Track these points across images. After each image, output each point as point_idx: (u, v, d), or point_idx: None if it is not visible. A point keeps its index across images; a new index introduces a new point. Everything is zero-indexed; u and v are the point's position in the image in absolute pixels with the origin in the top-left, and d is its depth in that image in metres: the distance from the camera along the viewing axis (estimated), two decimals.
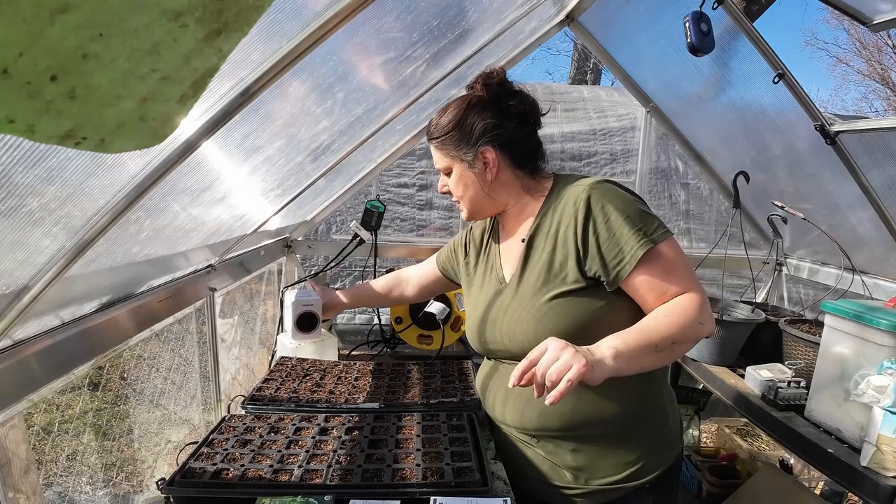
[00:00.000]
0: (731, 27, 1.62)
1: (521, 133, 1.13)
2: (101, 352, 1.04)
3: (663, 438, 1.10)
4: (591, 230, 1.01)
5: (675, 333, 0.95)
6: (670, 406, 1.14)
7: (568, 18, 2.03)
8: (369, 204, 1.96)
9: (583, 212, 1.02)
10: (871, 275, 2.00)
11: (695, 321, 0.96)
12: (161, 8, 0.23)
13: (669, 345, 0.95)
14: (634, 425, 1.06)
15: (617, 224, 0.99)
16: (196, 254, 1.41)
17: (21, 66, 0.21)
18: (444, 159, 1.15)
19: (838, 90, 20.49)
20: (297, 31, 0.74)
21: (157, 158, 0.77)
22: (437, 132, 1.14)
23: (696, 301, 0.98)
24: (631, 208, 1.01)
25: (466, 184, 1.14)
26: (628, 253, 0.98)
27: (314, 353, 1.68)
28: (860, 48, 13.23)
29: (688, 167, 3.12)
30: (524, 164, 1.14)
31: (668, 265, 0.99)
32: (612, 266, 1.00)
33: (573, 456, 1.07)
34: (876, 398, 1.16)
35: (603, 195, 1.02)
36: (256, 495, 0.90)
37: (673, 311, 0.97)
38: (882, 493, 1.12)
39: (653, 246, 0.98)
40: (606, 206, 1.01)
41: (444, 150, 1.14)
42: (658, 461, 1.08)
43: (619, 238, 0.99)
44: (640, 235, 0.98)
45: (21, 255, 0.70)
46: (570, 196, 1.06)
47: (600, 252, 1.01)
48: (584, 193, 1.03)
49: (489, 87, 1.10)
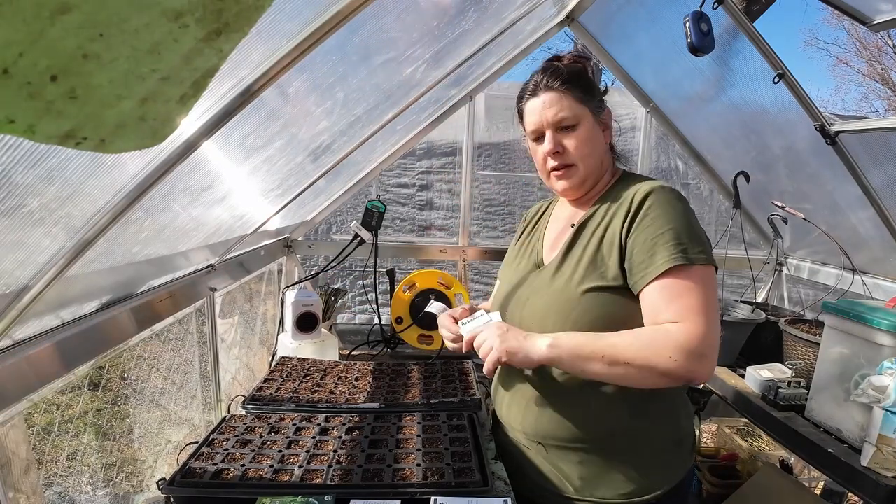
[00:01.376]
0: (731, 27, 1.62)
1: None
2: (101, 352, 1.04)
3: (675, 455, 1.06)
4: (637, 228, 0.97)
5: (629, 356, 0.90)
6: (686, 422, 1.09)
7: (568, 18, 2.03)
8: (370, 204, 1.96)
9: (634, 209, 0.98)
10: (872, 275, 1.99)
11: (662, 353, 0.88)
12: (161, 8, 0.23)
13: (622, 363, 0.90)
14: (645, 441, 1.02)
15: (661, 231, 0.94)
16: (196, 254, 1.40)
17: (21, 67, 0.21)
18: (574, 107, 1.03)
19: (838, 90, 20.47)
20: (297, 31, 0.74)
21: (157, 158, 0.77)
22: (570, 74, 1.03)
23: (682, 335, 0.88)
24: (683, 221, 0.95)
25: (595, 142, 1.05)
26: (657, 262, 0.93)
27: (314, 353, 1.68)
28: (860, 48, 13.23)
29: (688, 167, 3.11)
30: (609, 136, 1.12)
31: (682, 289, 0.92)
32: (637, 270, 0.96)
33: (579, 467, 1.03)
34: (876, 398, 1.16)
35: (661, 199, 0.97)
36: (257, 495, 0.90)
37: (646, 334, 0.92)
38: (882, 493, 1.12)
39: (684, 264, 0.92)
40: (660, 209, 0.96)
41: (576, 97, 1.03)
42: (668, 477, 1.03)
43: (657, 245, 0.94)
44: (678, 250, 0.92)
45: (21, 254, 0.70)
46: (630, 192, 1.02)
47: (632, 253, 0.97)
48: (643, 193, 0.99)
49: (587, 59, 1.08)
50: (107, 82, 0.23)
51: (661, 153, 3.07)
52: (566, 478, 1.04)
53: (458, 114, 2.29)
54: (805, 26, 23.55)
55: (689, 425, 1.10)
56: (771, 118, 1.89)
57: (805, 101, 1.68)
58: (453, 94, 2.17)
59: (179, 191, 0.98)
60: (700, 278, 0.92)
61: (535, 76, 1.08)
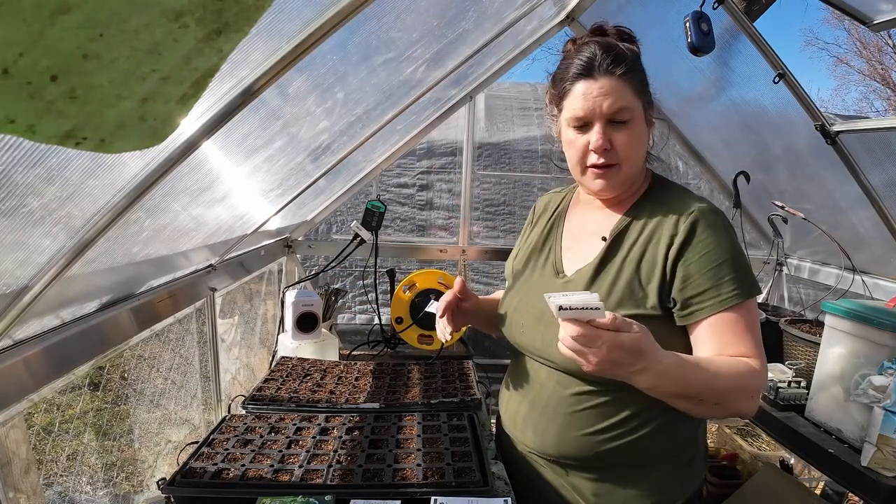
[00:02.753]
0: (731, 27, 1.62)
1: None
2: (101, 352, 1.04)
3: (689, 472, 1.03)
4: (688, 257, 0.89)
5: (725, 395, 0.86)
6: (702, 438, 1.06)
7: (568, 18, 2.03)
8: (370, 204, 1.96)
9: (684, 234, 0.90)
10: (872, 275, 1.99)
11: (746, 392, 0.87)
12: (161, 8, 0.23)
13: (712, 402, 0.86)
14: (661, 461, 0.98)
15: (718, 262, 0.88)
16: (196, 254, 1.41)
17: (21, 67, 0.21)
18: (633, 100, 0.92)
19: (839, 90, 20.49)
20: (297, 31, 0.74)
21: (157, 158, 0.77)
22: (632, 63, 0.93)
23: (759, 374, 0.86)
24: (738, 252, 0.90)
25: (643, 141, 0.97)
26: (717, 296, 0.88)
27: (315, 353, 1.68)
28: (861, 48, 13.23)
29: (688, 167, 3.11)
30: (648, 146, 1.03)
31: (745, 325, 0.88)
32: (694, 302, 0.89)
33: (595, 484, 0.98)
34: (876, 398, 1.16)
35: (713, 226, 0.91)
36: (257, 495, 0.90)
37: (736, 371, 0.85)
38: (882, 493, 1.12)
39: (745, 300, 0.88)
40: (714, 238, 0.89)
41: (635, 89, 0.93)
42: (682, 491, 1.00)
43: (715, 277, 0.88)
44: (737, 284, 0.88)
45: (21, 254, 0.71)
46: (674, 210, 0.93)
47: (687, 284, 0.89)
48: (693, 216, 0.91)
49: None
50: (107, 82, 0.23)
51: (662, 153, 3.07)
52: (580, 494, 0.99)
53: (459, 114, 2.29)
54: (805, 26, 23.59)
55: (703, 439, 1.07)
56: (771, 118, 1.89)
57: (805, 101, 1.68)
58: (453, 94, 2.17)
59: (179, 191, 0.98)
60: (753, 312, 0.90)
61: (588, 50, 0.92)
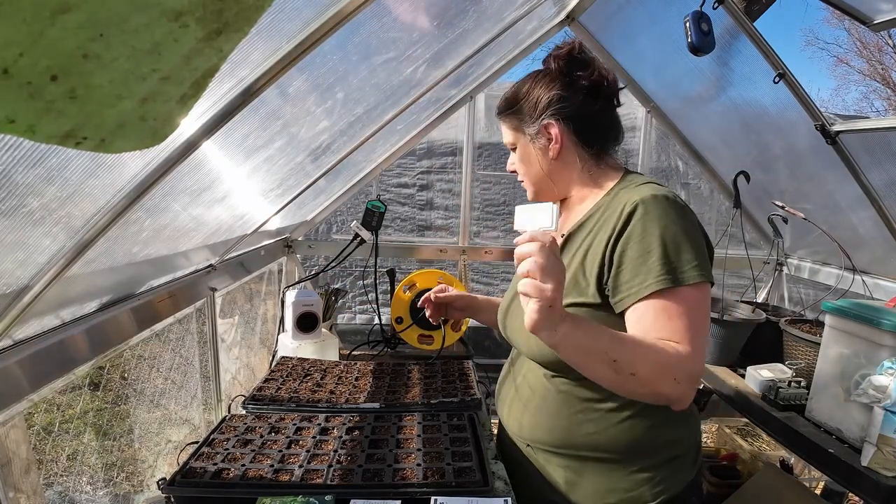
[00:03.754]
0: (731, 27, 1.62)
1: (590, 107, 1.03)
2: (101, 352, 1.04)
3: (672, 472, 1.00)
4: (621, 247, 0.91)
5: (639, 365, 0.84)
6: (687, 433, 1.03)
7: (568, 18, 2.03)
8: (370, 204, 1.96)
9: (622, 224, 0.92)
10: (872, 275, 1.99)
11: (668, 373, 0.84)
12: (161, 8, 0.23)
13: (627, 371, 0.84)
14: (637, 455, 0.97)
15: (648, 250, 0.88)
16: (196, 254, 1.41)
17: (22, 66, 0.21)
18: (508, 133, 1.10)
19: (839, 90, 20.48)
20: (297, 31, 0.74)
21: (157, 158, 0.77)
22: (503, 105, 1.09)
23: (684, 357, 0.84)
24: (671, 237, 0.88)
25: (529, 160, 1.08)
26: (644, 283, 0.88)
27: (315, 352, 1.68)
28: (861, 48, 13.23)
29: (688, 167, 3.11)
30: (591, 143, 1.04)
31: (673, 313, 0.87)
32: (622, 290, 0.91)
33: (564, 472, 1.01)
34: (876, 398, 1.16)
35: (649, 213, 0.90)
36: (257, 495, 0.90)
37: (659, 347, 0.84)
38: (882, 493, 1.12)
39: (671, 287, 0.86)
40: (647, 225, 0.90)
41: (509, 123, 1.09)
42: (661, 491, 0.98)
43: (642, 265, 0.88)
44: (664, 270, 0.87)
45: (21, 254, 0.71)
46: (621, 201, 0.96)
47: (619, 272, 0.91)
48: (632, 205, 0.91)
49: (558, 59, 1.03)
50: (107, 82, 0.23)
51: (661, 153, 3.07)
52: (553, 482, 1.03)
53: (459, 114, 2.29)
54: (805, 26, 23.57)
55: (692, 438, 1.04)
56: (771, 118, 1.89)
57: (805, 101, 1.68)
58: (453, 94, 2.17)
59: (180, 191, 0.98)
60: (689, 300, 0.87)
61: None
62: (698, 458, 1.06)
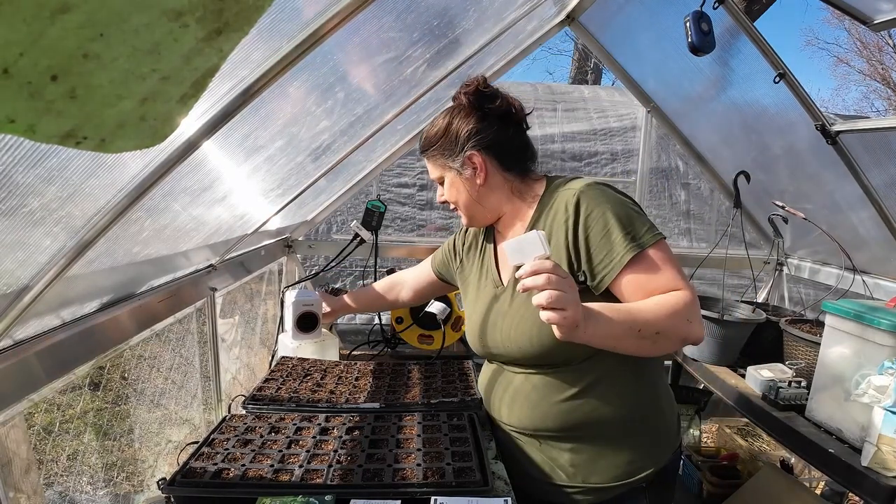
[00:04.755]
0: (731, 27, 1.62)
1: (504, 134, 1.13)
2: (101, 351, 1.04)
3: (660, 438, 1.12)
4: (581, 235, 1.01)
5: (661, 322, 0.94)
6: (668, 405, 1.15)
7: (568, 18, 2.03)
8: (370, 204, 1.96)
9: (573, 216, 1.02)
10: (872, 275, 1.99)
11: (682, 316, 0.95)
12: (162, 8, 0.23)
13: (653, 333, 0.94)
14: (631, 427, 1.07)
15: (606, 228, 0.99)
16: (197, 253, 1.41)
17: (22, 66, 0.21)
18: (435, 169, 1.19)
19: (839, 90, 20.51)
20: (297, 31, 0.74)
21: (157, 158, 0.77)
22: (426, 144, 1.18)
23: (685, 298, 0.96)
24: (620, 211, 1.00)
25: (458, 190, 1.16)
26: (615, 257, 0.98)
27: (315, 352, 1.68)
28: (861, 48, 13.23)
29: (688, 167, 3.11)
30: (511, 165, 1.15)
31: (654, 267, 0.98)
32: (598, 270, 1.00)
33: (570, 455, 1.08)
34: (876, 398, 1.16)
35: (592, 198, 1.02)
36: (257, 495, 0.90)
37: (662, 302, 0.96)
38: (883, 493, 1.12)
39: (640, 251, 0.98)
40: (595, 209, 1.00)
41: (434, 160, 1.17)
42: (654, 461, 1.09)
43: (608, 242, 0.99)
44: (628, 240, 0.98)
45: (22, 254, 0.71)
46: (561, 200, 1.06)
47: (589, 256, 1.01)
48: (574, 197, 1.02)
49: (468, 95, 1.13)
50: (107, 82, 0.24)
51: (662, 153, 3.07)
52: (559, 466, 1.09)
53: None
54: (805, 26, 23.58)
55: (672, 408, 1.16)
56: (771, 118, 1.89)
57: (805, 101, 1.68)
58: (453, 94, 2.17)
59: (180, 191, 0.98)
60: (660, 252, 0.99)
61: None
62: (679, 429, 1.18)
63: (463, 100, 1.14)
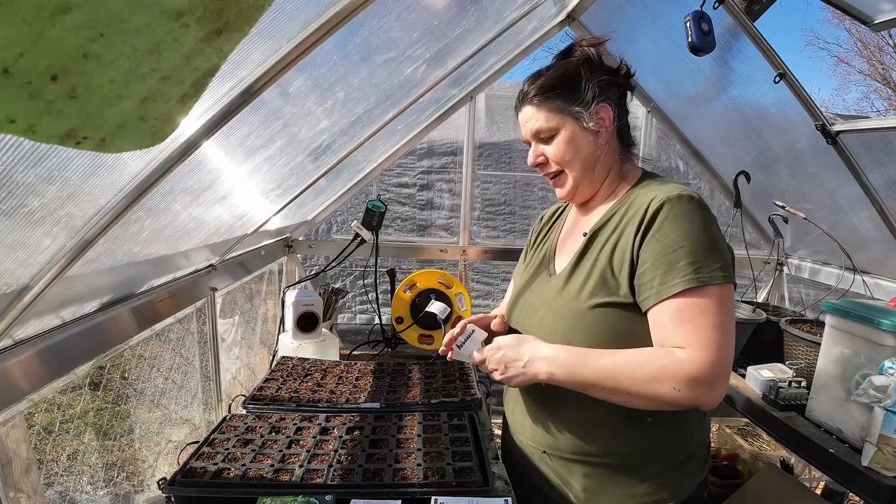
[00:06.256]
0: (731, 27, 1.62)
1: (623, 104, 1.04)
2: (101, 351, 1.04)
3: (686, 469, 1.00)
4: (649, 243, 0.90)
5: (630, 388, 0.87)
6: (699, 435, 1.03)
7: (569, 18, 2.03)
8: (370, 204, 1.96)
9: (648, 221, 0.91)
10: (873, 275, 1.99)
11: (665, 384, 0.84)
12: (162, 8, 0.23)
13: (623, 394, 0.88)
14: (651, 459, 0.97)
15: (673, 248, 0.87)
16: (197, 253, 1.41)
17: (22, 66, 0.21)
18: (550, 118, 1.00)
19: (839, 90, 20.49)
20: (297, 31, 0.74)
21: (157, 158, 0.77)
22: (544, 86, 1.00)
23: (690, 364, 0.83)
24: (700, 235, 0.87)
25: (577, 146, 1.00)
26: (669, 281, 0.86)
27: (315, 352, 1.68)
28: (861, 48, 13.23)
29: (689, 167, 3.11)
30: (625, 139, 1.05)
31: (694, 312, 0.85)
32: (647, 288, 0.90)
33: (584, 479, 0.99)
34: (877, 398, 1.16)
35: (677, 210, 0.89)
36: (257, 495, 0.90)
37: (651, 362, 0.86)
38: (883, 493, 1.12)
39: (697, 286, 0.85)
40: (674, 223, 0.88)
41: (551, 108, 1.00)
42: (677, 491, 0.98)
43: (667, 263, 0.87)
44: (692, 270, 0.86)
45: (22, 254, 0.71)
46: (644, 201, 0.94)
47: (643, 269, 0.90)
48: (657, 203, 0.90)
49: (594, 46, 1.02)
50: (107, 82, 0.23)
51: (662, 153, 3.07)
52: (570, 488, 1.01)
53: (459, 113, 2.29)
54: (806, 26, 23.53)
55: (703, 438, 1.04)
56: (772, 118, 1.89)
57: (806, 101, 1.67)
58: (454, 94, 2.17)
59: (180, 190, 0.98)
60: (715, 299, 0.85)
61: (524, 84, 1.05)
62: (707, 458, 1.06)
63: (590, 52, 1.01)
